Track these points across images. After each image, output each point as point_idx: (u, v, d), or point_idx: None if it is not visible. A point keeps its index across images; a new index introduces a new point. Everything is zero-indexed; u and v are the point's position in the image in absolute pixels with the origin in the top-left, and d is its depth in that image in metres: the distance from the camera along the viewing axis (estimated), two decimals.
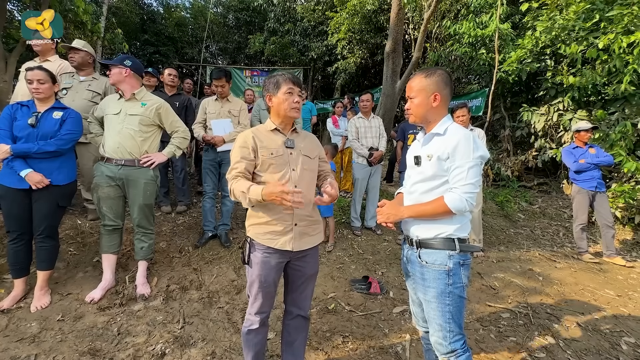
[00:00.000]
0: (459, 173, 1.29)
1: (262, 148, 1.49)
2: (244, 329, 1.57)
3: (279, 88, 1.50)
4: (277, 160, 1.49)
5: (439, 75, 1.39)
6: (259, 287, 1.49)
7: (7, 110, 2.11)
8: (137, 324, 2.12)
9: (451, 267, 1.32)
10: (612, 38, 4.21)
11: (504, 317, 2.45)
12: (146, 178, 2.36)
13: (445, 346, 1.35)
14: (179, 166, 3.91)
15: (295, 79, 1.53)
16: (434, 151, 1.35)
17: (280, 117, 1.54)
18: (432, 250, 1.35)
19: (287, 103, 1.49)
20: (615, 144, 4.45)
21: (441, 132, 1.37)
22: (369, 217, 3.98)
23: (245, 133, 1.53)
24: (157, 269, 2.76)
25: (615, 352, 2.10)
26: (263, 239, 1.47)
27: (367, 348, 2.05)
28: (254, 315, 1.53)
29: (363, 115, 3.95)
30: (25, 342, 1.89)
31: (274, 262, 1.49)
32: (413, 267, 1.43)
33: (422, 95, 1.39)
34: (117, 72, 2.30)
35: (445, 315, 1.33)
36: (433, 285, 1.34)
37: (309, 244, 1.55)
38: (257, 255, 1.48)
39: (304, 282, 1.61)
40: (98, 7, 10.24)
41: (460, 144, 1.29)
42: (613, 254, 3.63)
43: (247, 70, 10.74)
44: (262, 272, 1.47)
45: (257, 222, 1.49)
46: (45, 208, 2.12)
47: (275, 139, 1.54)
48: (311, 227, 1.57)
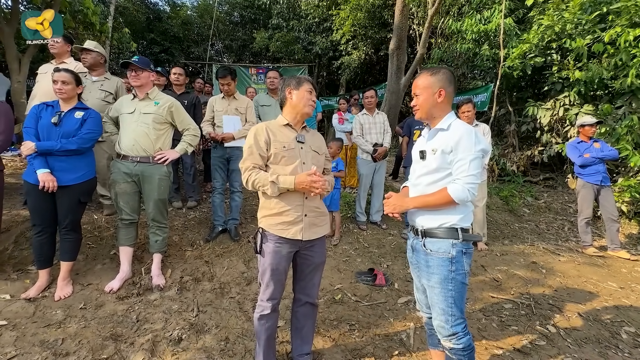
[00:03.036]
0: (461, 165, 1.37)
1: (275, 141, 1.59)
2: (256, 315, 1.66)
3: (301, 85, 1.65)
4: (289, 154, 1.59)
5: (443, 73, 1.48)
6: (271, 275, 1.59)
7: (34, 110, 2.24)
8: (154, 312, 2.24)
9: (454, 254, 1.40)
10: (619, 31, 4.19)
11: (506, 308, 2.52)
12: (160, 174, 2.47)
13: (447, 329, 1.43)
14: (188, 163, 4.02)
15: (314, 83, 1.70)
16: (438, 145, 1.43)
17: (295, 111, 1.66)
18: (436, 239, 1.44)
19: (306, 99, 1.63)
20: (621, 138, 4.45)
21: (445, 127, 1.45)
22: (374, 211, 4.05)
23: (259, 126, 1.63)
24: (171, 262, 2.88)
25: (615, 340, 2.16)
26: (275, 229, 1.57)
27: (372, 335, 2.14)
28: (265, 301, 1.63)
29: (367, 111, 4.01)
30: (52, 327, 2.02)
31: (285, 252, 1.59)
32: (418, 255, 1.52)
33: (428, 91, 1.47)
34: (146, 76, 2.45)
35: (447, 300, 1.42)
36: (437, 271, 1.42)
37: (317, 234, 1.65)
38: (269, 245, 1.58)
39: (312, 271, 1.70)
40: (105, 7, 10.40)
41: (462, 138, 1.37)
42: (617, 247, 3.65)
43: (252, 68, 10.81)
44: (274, 260, 1.57)
45: (269, 213, 1.59)
46: (67, 203, 2.25)
47: (288, 133, 1.64)
48: (319, 218, 1.67)
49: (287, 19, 11.52)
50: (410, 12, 7.46)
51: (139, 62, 2.40)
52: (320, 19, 10.90)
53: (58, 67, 2.30)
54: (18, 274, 2.51)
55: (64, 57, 3.18)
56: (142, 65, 2.41)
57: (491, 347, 2.06)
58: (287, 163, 1.58)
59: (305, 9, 10.86)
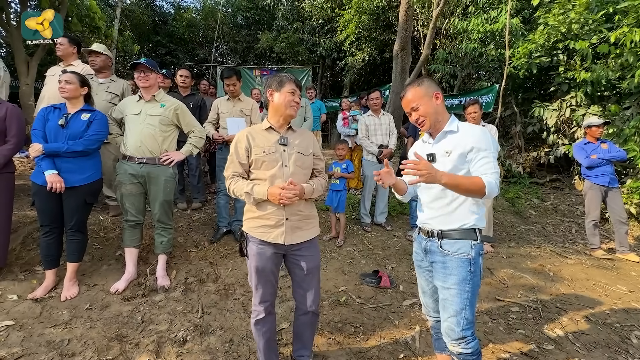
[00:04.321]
0: (486, 162, 1.37)
1: (255, 147, 1.57)
2: (252, 320, 1.65)
3: (283, 86, 1.59)
4: (269, 158, 1.57)
5: (427, 79, 1.52)
6: (258, 277, 1.58)
7: (42, 112, 2.28)
8: (159, 313, 2.25)
9: (473, 255, 1.40)
10: (626, 31, 4.14)
11: (513, 311, 2.48)
12: (166, 175, 2.49)
13: (457, 332, 1.41)
14: (193, 165, 4.04)
15: (297, 82, 1.63)
16: (451, 147, 1.43)
17: (278, 114, 1.62)
18: (454, 241, 1.43)
19: (287, 101, 1.58)
20: (629, 139, 4.39)
21: (454, 129, 1.46)
22: (379, 213, 4.04)
23: (240, 133, 1.63)
24: (176, 263, 2.89)
25: (625, 345, 2.12)
26: (256, 232, 1.56)
27: (377, 338, 2.12)
28: (258, 305, 1.62)
29: (373, 112, 4.00)
30: (58, 328, 2.03)
31: (270, 253, 1.57)
32: (433, 257, 1.50)
33: (426, 99, 1.47)
34: (154, 77, 2.48)
35: (463, 301, 1.40)
36: (455, 272, 1.41)
37: (301, 238, 1.61)
38: (253, 248, 1.57)
39: (307, 276, 1.65)
40: (112, 10, 10.53)
41: (482, 138, 1.39)
42: (626, 250, 3.59)
43: (256, 70, 10.86)
44: (259, 263, 1.56)
45: (252, 216, 1.59)
46: (74, 204, 2.27)
47: (269, 137, 1.61)
48: (303, 222, 1.62)
49: (291, 21, 11.56)
50: (415, 13, 7.44)
51: (147, 64, 2.42)
52: (324, 20, 10.93)
53: (65, 70, 2.33)
54: (25, 275, 2.53)
55: (70, 59, 3.21)
56: (151, 67, 2.44)
57: (498, 351, 2.03)
58: (267, 167, 1.56)
59: (309, 11, 10.90)
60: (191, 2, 20.82)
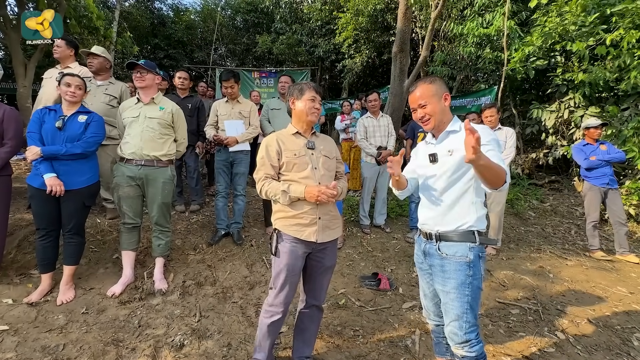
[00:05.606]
0: (493, 155, 1.28)
1: (285, 150, 1.63)
2: (266, 321, 1.65)
3: (303, 94, 1.67)
4: (300, 160, 1.63)
5: (439, 79, 1.51)
6: (287, 276, 1.59)
7: (37, 114, 2.25)
8: (156, 317, 2.22)
9: (472, 258, 1.38)
10: (622, 33, 4.16)
11: (513, 313, 2.47)
12: (164, 177, 2.47)
13: (460, 336, 1.40)
14: (192, 167, 4.01)
15: (317, 88, 1.70)
16: (454, 147, 1.42)
17: (301, 120, 1.70)
18: (452, 243, 1.41)
19: (308, 108, 1.65)
20: (628, 140, 4.40)
21: (457, 129, 1.46)
22: (378, 214, 4.02)
23: (269, 137, 1.68)
24: (173, 266, 2.86)
25: (626, 347, 2.11)
26: (290, 230, 1.59)
27: (377, 341, 2.10)
28: (279, 305, 1.63)
29: (372, 114, 3.99)
30: (53, 332, 2.01)
31: (301, 252, 1.60)
32: (432, 260, 1.49)
33: (435, 98, 1.46)
34: (151, 78, 2.46)
35: (463, 305, 1.39)
36: (453, 276, 1.39)
37: (330, 237, 1.67)
38: (285, 245, 1.59)
39: (322, 273, 1.71)
40: (110, 12, 10.53)
41: (483, 133, 1.34)
42: (626, 251, 3.59)
43: (255, 72, 10.86)
44: (290, 261, 1.58)
45: (284, 215, 1.62)
46: (72, 207, 2.25)
47: (297, 141, 1.68)
48: (332, 222, 1.69)
49: (289, 23, 11.57)
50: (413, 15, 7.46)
51: (145, 65, 2.41)
52: (322, 22, 10.95)
53: (63, 72, 2.31)
54: (21, 278, 2.50)
55: (67, 61, 3.20)
56: (150, 68, 2.43)
57: (499, 354, 2.01)
58: (299, 170, 1.62)
59: (308, 13, 10.91)
60: (190, 4, 20.81)
